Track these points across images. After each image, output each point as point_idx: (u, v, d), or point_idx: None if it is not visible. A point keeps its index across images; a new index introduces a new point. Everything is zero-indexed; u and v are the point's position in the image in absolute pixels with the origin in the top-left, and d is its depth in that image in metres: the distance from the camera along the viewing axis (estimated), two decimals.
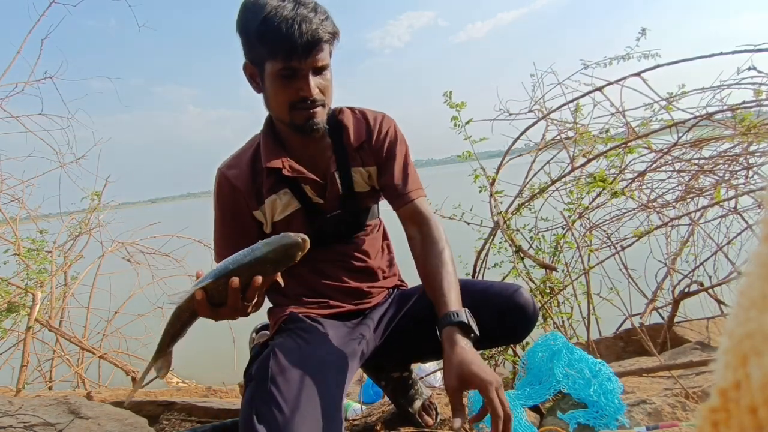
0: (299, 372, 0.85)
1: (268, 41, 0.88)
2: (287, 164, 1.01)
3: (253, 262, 0.78)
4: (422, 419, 1.27)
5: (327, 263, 1.09)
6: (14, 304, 2.30)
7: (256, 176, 1.04)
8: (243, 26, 0.93)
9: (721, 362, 0.17)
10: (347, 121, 1.08)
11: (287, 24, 0.85)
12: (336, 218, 1.08)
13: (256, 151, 1.06)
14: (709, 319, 2.27)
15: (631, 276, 2.26)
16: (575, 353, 1.17)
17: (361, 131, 1.08)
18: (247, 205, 1.04)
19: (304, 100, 0.93)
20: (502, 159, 2.28)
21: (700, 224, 2.29)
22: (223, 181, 1.05)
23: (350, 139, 1.06)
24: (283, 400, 0.80)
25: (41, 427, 1.21)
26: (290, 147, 1.04)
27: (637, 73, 1.95)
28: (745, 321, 0.16)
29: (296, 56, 0.88)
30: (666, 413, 1.08)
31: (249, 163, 1.05)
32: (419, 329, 1.08)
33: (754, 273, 0.17)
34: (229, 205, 1.04)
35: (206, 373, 3.07)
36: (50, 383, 2.62)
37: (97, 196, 3.06)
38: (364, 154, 1.08)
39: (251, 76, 0.99)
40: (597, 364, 1.14)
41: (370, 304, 1.13)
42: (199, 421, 1.46)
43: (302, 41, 0.86)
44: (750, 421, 0.15)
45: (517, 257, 1.96)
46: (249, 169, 1.04)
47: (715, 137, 2.05)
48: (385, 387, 1.32)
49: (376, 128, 1.09)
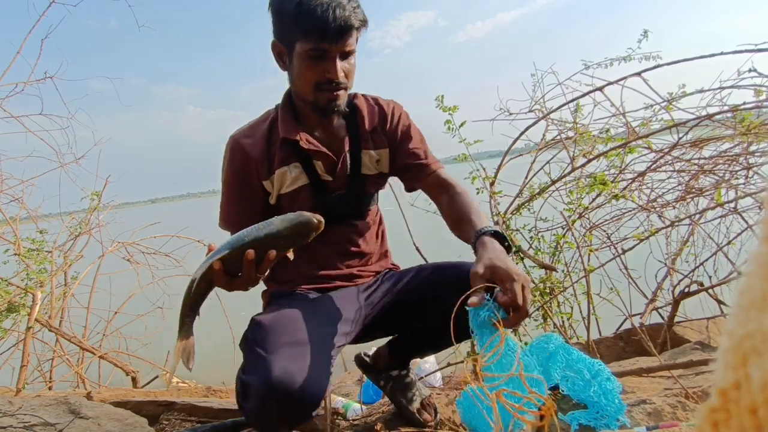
0: (285, 320, 0.92)
1: (302, 22, 0.92)
2: (304, 137, 1.04)
3: (269, 237, 0.80)
4: (421, 416, 1.27)
5: (322, 244, 1.08)
6: (14, 304, 2.30)
7: (270, 146, 1.07)
8: (278, 6, 0.97)
9: (721, 362, 0.17)
10: (362, 105, 1.13)
11: (323, 8, 0.90)
12: (340, 198, 1.10)
13: (272, 123, 1.09)
14: (709, 319, 2.27)
15: (631, 276, 2.26)
16: (573, 354, 1.17)
17: (374, 116, 1.14)
18: (258, 173, 1.06)
19: (329, 82, 0.97)
20: (502, 159, 2.28)
21: (700, 224, 2.29)
22: (236, 148, 1.07)
23: (364, 122, 1.11)
24: (265, 345, 0.85)
25: (41, 427, 1.21)
26: (306, 123, 1.08)
27: (637, 73, 1.95)
28: (745, 321, 0.16)
29: (327, 39, 0.92)
30: (666, 413, 1.08)
31: (264, 134, 1.08)
32: (414, 301, 1.11)
33: (754, 273, 0.17)
34: (240, 172, 1.07)
35: (206, 373, 3.06)
36: (50, 383, 2.62)
37: (97, 196, 3.05)
38: (376, 138, 1.13)
39: (279, 55, 1.03)
40: (595, 365, 1.14)
41: (359, 283, 1.17)
42: (199, 421, 1.45)
43: (335, 25, 0.91)
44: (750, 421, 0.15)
45: (516, 257, 1.96)
46: (263, 140, 1.07)
47: (715, 137, 2.05)
48: (384, 387, 1.33)
49: (389, 113, 1.14)
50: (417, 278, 1.15)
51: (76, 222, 3.06)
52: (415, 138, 1.16)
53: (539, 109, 2.33)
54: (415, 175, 1.14)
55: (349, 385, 2.47)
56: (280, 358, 0.81)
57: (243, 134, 1.08)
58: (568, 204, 2.20)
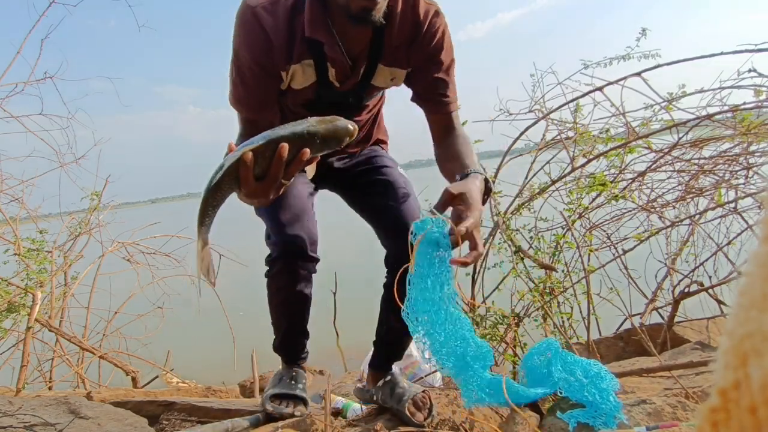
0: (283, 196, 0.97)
1: None
2: (330, 43, 0.99)
3: (305, 134, 0.76)
4: (414, 418, 1.25)
5: None
6: (14, 304, 2.30)
7: (292, 36, 1.00)
8: None
9: (721, 362, 0.17)
10: (395, 13, 1.00)
11: None
12: (341, 95, 1.10)
13: (296, 6, 0.99)
14: (709, 319, 2.27)
15: (631, 276, 2.26)
16: (568, 357, 1.18)
17: (405, 29, 1.04)
18: (277, 60, 1.01)
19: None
20: (502, 159, 2.28)
21: (700, 224, 2.29)
22: (255, 25, 0.98)
23: (391, 37, 1.03)
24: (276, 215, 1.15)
25: (41, 427, 1.21)
26: (334, 22, 0.99)
27: (637, 73, 1.95)
28: (745, 321, 0.16)
29: None
30: (666, 413, 1.08)
31: (287, 17, 0.98)
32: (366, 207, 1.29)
33: (754, 273, 0.17)
34: (260, 52, 1.00)
35: (206, 373, 3.07)
36: (50, 383, 2.62)
37: (97, 196, 3.05)
38: (400, 56, 1.07)
39: None
40: (591, 366, 1.14)
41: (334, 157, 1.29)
42: (199, 421, 1.45)
43: None
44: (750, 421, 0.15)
45: (516, 257, 1.96)
46: (286, 25, 0.98)
47: (715, 137, 2.05)
48: (377, 400, 1.35)
49: (424, 28, 1.04)
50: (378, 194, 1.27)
51: (76, 222, 3.06)
52: (442, 65, 1.08)
53: (539, 109, 2.33)
54: (429, 107, 1.12)
55: (349, 385, 2.47)
56: (288, 224, 1.14)
57: (264, 8, 0.98)
58: (568, 204, 2.20)
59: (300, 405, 1.34)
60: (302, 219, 1.18)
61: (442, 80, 1.08)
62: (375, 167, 1.32)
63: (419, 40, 1.05)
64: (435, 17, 1.04)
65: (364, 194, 1.32)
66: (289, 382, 1.38)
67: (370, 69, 1.07)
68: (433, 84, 1.09)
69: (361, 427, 1.32)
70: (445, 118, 1.12)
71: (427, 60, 1.07)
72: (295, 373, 1.41)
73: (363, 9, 0.89)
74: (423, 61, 1.07)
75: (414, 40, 1.05)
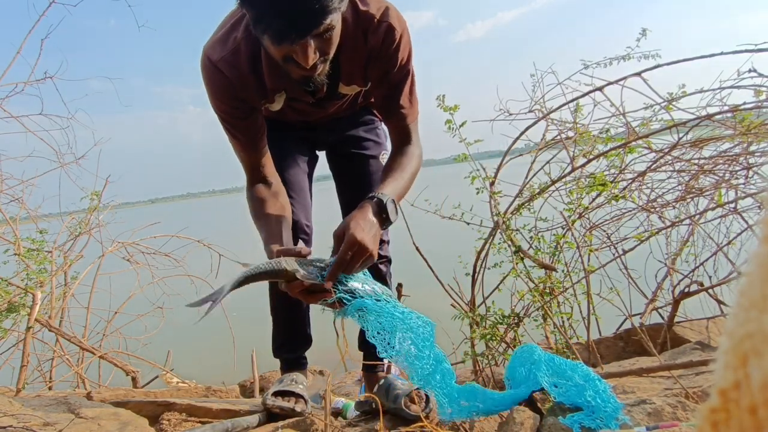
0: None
1: (259, 25, 0.83)
2: (291, 87, 1.08)
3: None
4: (409, 408, 1.27)
5: (295, 112, 1.28)
6: (14, 304, 2.30)
7: (259, 80, 1.06)
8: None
9: (721, 362, 0.17)
10: (348, 41, 1.03)
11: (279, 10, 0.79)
12: (314, 102, 1.20)
13: (253, 52, 1.02)
14: (709, 319, 2.27)
15: (631, 276, 2.26)
16: (559, 362, 1.18)
17: (358, 55, 1.07)
18: (251, 99, 1.09)
19: (300, 65, 0.89)
20: (502, 159, 2.27)
21: (700, 224, 2.29)
22: (222, 79, 1.03)
23: (346, 62, 1.08)
24: None
25: (41, 427, 1.21)
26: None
27: (637, 73, 1.95)
28: (745, 321, 0.16)
29: (289, 40, 0.82)
30: (666, 413, 1.08)
31: (249, 67, 1.04)
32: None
33: (754, 273, 0.17)
34: (233, 98, 1.07)
35: (206, 373, 3.07)
36: (50, 383, 2.61)
37: (97, 196, 3.05)
38: (357, 76, 1.13)
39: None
40: (585, 369, 1.14)
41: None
42: (200, 421, 1.45)
43: (297, 22, 0.80)
44: (750, 421, 0.15)
45: (516, 257, 1.96)
46: (251, 75, 1.05)
47: (715, 137, 2.04)
48: (376, 408, 1.36)
49: (378, 50, 1.06)
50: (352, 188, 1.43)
51: (76, 222, 3.06)
52: (397, 80, 1.12)
53: (539, 109, 2.33)
54: (385, 116, 1.21)
55: (349, 385, 2.47)
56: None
57: (225, 61, 1.02)
58: (568, 204, 2.19)
59: (301, 401, 1.35)
60: (297, 210, 1.31)
61: (396, 94, 1.13)
62: (360, 154, 1.43)
63: (373, 59, 1.08)
64: (388, 34, 1.04)
65: (341, 182, 1.49)
66: (289, 383, 1.39)
67: (333, 89, 1.14)
68: (389, 97, 1.14)
69: (361, 427, 1.32)
70: (399, 128, 1.18)
71: (382, 77, 1.12)
72: (296, 375, 1.43)
73: (303, 78, 0.95)
74: (378, 78, 1.13)
75: (369, 59, 1.09)
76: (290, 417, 1.32)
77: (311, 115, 1.32)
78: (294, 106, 1.23)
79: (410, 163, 1.15)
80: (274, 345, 1.48)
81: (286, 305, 1.41)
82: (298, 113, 1.29)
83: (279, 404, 1.31)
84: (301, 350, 1.48)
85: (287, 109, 1.23)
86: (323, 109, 1.27)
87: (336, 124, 1.41)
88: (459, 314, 2.00)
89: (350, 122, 1.43)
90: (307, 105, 1.22)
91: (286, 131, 1.37)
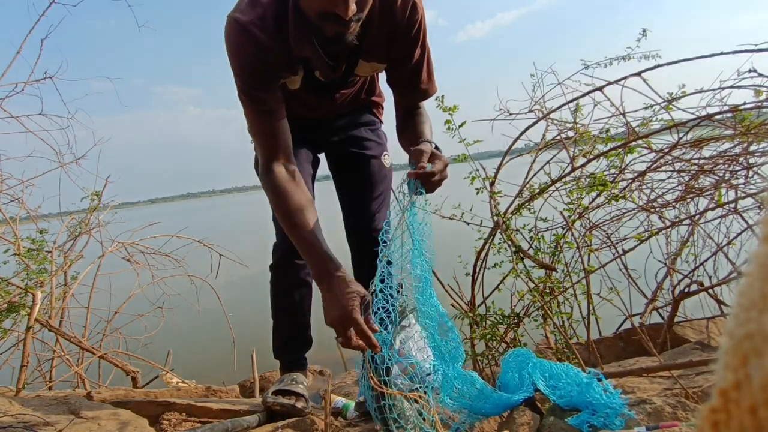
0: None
1: None
2: (316, 55, 1.08)
3: None
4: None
5: (303, 108, 1.30)
6: (14, 304, 2.30)
7: (283, 49, 1.05)
8: None
9: (721, 362, 0.17)
10: (374, 16, 1.03)
11: None
12: (328, 83, 1.20)
13: (279, 17, 1.02)
14: (709, 319, 2.27)
15: (631, 276, 2.25)
16: (552, 366, 1.18)
17: (384, 30, 1.07)
18: (275, 68, 1.08)
19: (337, 17, 0.88)
20: (502, 159, 2.27)
21: (700, 224, 2.29)
22: (249, 42, 1.01)
23: (370, 37, 1.07)
24: None
25: (41, 427, 1.21)
26: (315, 32, 1.02)
27: (637, 73, 1.95)
28: (745, 321, 0.16)
29: None
30: (666, 413, 1.08)
31: (276, 31, 1.02)
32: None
33: (754, 273, 0.17)
34: (261, 64, 1.05)
35: (206, 373, 3.07)
36: (50, 383, 2.61)
37: (97, 196, 3.05)
38: (379, 52, 1.12)
39: None
40: (572, 369, 1.14)
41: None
42: (200, 421, 1.45)
43: None
44: (750, 421, 0.15)
45: (516, 257, 1.96)
46: (278, 40, 1.03)
47: (715, 137, 2.04)
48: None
49: (403, 26, 1.07)
50: (353, 190, 1.45)
51: (76, 222, 3.06)
52: (420, 57, 1.12)
53: (539, 109, 2.33)
54: (405, 93, 1.20)
55: (349, 385, 2.47)
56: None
57: (254, 24, 1.00)
58: (568, 204, 2.19)
59: (301, 400, 1.35)
60: None
61: (419, 71, 1.14)
62: (361, 154, 1.44)
63: (397, 37, 1.08)
64: (412, 11, 1.06)
65: (342, 181, 1.50)
66: (289, 382, 1.39)
67: (351, 64, 1.14)
68: (412, 75, 1.15)
69: (361, 427, 1.32)
70: (414, 102, 1.21)
71: (406, 55, 1.11)
72: (296, 375, 1.43)
73: (337, 34, 0.93)
74: (401, 56, 1.12)
75: (393, 37, 1.08)
76: (291, 415, 1.32)
77: (317, 109, 1.33)
78: (304, 97, 1.23)
79: (429, 121, 1.22)
80: (274, 346, 1.48)
81: (287, 307, 1.41)
82: (305, 107, 1.30)
83: (280, 401, 1.31)
84: (301, 352, 1.49)
85: (295, 103, 1.23)
86: (331, 99, 1.28)
87: (339, 122, 1.42)
88: (459, 314, 2.00)
89: (352, 122, 1.44)
90: (317, 94, 1.23)
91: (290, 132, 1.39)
